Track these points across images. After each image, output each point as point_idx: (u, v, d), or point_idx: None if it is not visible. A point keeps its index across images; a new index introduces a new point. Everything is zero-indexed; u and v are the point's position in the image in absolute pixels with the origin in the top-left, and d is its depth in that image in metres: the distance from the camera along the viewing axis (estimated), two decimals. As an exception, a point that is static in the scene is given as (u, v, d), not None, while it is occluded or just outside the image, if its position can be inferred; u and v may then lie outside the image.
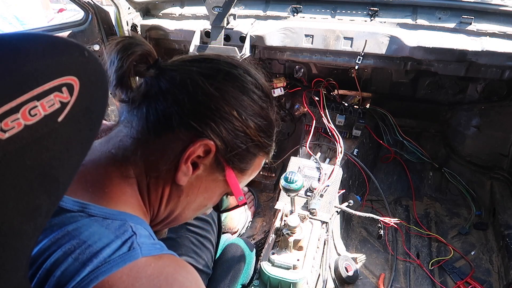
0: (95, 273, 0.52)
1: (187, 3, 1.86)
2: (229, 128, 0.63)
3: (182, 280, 0.57)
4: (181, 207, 0.71)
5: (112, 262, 0.53)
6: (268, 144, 0.73)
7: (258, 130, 0.68)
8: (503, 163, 1.97)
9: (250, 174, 0.75)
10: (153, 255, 0.57)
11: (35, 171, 0.40)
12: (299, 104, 2.23)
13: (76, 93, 0.42)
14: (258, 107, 0.68)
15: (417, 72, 1.88)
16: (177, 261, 0.61)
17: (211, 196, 0.73)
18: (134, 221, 0.61)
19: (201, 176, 0.67)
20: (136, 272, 0.54)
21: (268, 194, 2.13)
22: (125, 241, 0.56)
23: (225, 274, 1.24)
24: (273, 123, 0.74)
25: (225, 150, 0.64)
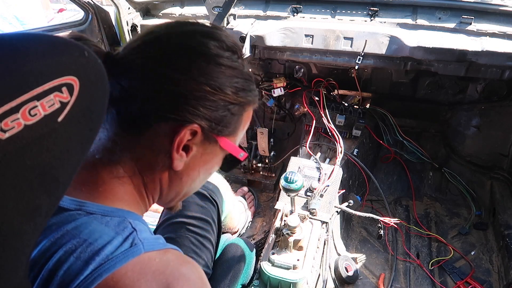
0: (99, 271, 0.52)
1: (187, 3, 1.86)
2: (207, 105, 0.62)
3: (188, 274, 0.57)
4: (186, 185, 0.71)
5: (115, 259, 0.53)
6: (250, 99, 0.71)
7: (236, 93, 0.66)
8: (503, 163, 1.97)
9: (243, 128, 0.74)
10: (157, 250, 0.57)
11: (35, 171, 0.40)
12: (299, 104, 2.23)
13: (76, 93, 0.42)
14: (230, 69, 0.65)
15: (417, 72, 1.88)
16: (182, 256, 0.62)
17: (212, 165, 0.73)
18: (132, 218, 0.61)
19: (196, 154, 0.67)
20: (141, 267, 0.54)
21: (268, 194, 2.12)
22: (126, 237, 0.56)
23: (225, 274, 1.24)
24: (249, 76, 0.71)
25: (210, 125, 0.64)
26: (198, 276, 0.60)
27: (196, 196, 1.22)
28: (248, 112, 0.72)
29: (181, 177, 0.69)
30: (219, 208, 1.27)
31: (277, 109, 2.21)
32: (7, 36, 0.39)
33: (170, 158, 0.63)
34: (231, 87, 0.65)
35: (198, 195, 1.23)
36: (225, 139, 0.68)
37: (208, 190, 1.25)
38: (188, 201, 1.20)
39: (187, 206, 1.19)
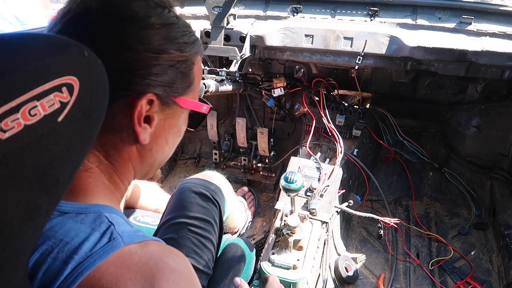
0: (79, 269, 0.51)
1: (187, 3, 1.86)
2: (154, 71, 0.60)
3: (173, 264, 0.56)
4: (158, 154, 0.70)
5: (94, 255, 0.52)
6: (195, 50, 0.67)
7: (180, 49, 0.63)
8: (503, 163, 1.97)
9: (198, 81, 0.72)
10: (137, 242, 0.56)
11: (35, 171, 0.40)
12: (299, 104, 2.23)
13: (76, 93, 0.42)
14: (165, 27, 0.62)
15: (417, 72, 1.88)
16: (164, 246, 0.60)
17: (179, 127, 0.71)
18: (108, 211, 0.60)
19: (159, 122, 0.65)
20: (122, 261, 0.53)
21: (268, 194, 2.13)
22: (104, 232, 0.55)
23: (225, 274, 1.24)
24: (187, 27, 0.67)
25: (164, 90, 0.62)
26: (184, 265, 0.58)
27: (198, 197, 1.22)
28: (197, 64, 0.70)
29: (151, 148, 0.67)
30: (221, 209, 1.27)
31: (277, 109, 2.21)
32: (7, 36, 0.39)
33: (134, 134, 0.62)
34: (173, 45, 0.62)
35: (200, 196, 1.23)
36: (183, 98, 0.67)
37: (210, 191, 1.25)
38: (190, 202, 1.20)
39: (189, 206, 1.19)
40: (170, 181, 2.27)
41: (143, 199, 1.48)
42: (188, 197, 1.21)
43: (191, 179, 1.32)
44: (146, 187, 1.50)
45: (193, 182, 1.28)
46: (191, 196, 1.22)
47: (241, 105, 2.26)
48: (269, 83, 1.99)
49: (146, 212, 1.46)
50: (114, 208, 0.62)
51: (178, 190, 1.27)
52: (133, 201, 1.46)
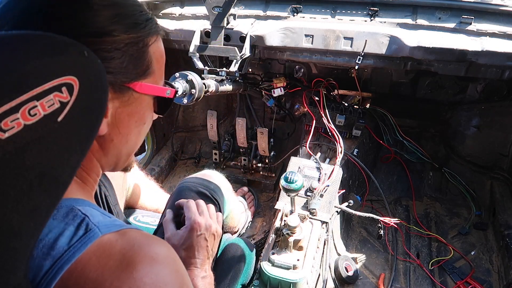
0: (58, 264, 0.50)
1: (187, 3, 1.86)
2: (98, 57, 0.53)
3: (157, 249, 0.56)
4: (122, 144, 0.66)
5: (72, 248, 0.52)
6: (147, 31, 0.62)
7: (126, 31, 0.58)
8: (503, 163, 1.96)
9: (159, 64, 0.67)
10: (116, 231, 0.55)
11: (35, 171, 0.40)
12: (299, 104, 2.23)
13: (76, 93, 0.42)
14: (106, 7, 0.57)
15: (417, 72, 1.88)
16: (145, 234, 0.60)
17: (142, 114, 0.67)
18: (80, 204, 0.58)
19: (116, 110, 0.61)
20: (104, 250, 0.52)
21: (268, 194, 2.12)
22: (79, 225, 0.54)
23: (225, 274, 1.24)
24: (136, 7, 0.62)
25: (114, 76, 0.58)
26: (167, 250, 0.58)
27: (197, 196, 1.22)
28: (154, 45, 0.64)
29: (112, 139, 0.63)
30: (220, 208, 1.27)
31: (277, 109, 2.21)
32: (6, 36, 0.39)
33: None
34: (117, 26, 0.57)
35: (199, 195, 1.23)
36: (140, 84, 0.62)
37: (210, 190, 1.25)
38: None
39: None
40: (170, 181, 2.27)
41: (143, 199, 1.48)
42: (187, 196, 1.21)
43: (190, 178, 1.32)
44: (146, 187, 1.50)
45: (192, 181, 1.28)
46: (190, 195, 1.22)
47: (241, 105, 2.26)
48: (269, 83, 1.99)
49: (146, 212, 1.46)
50: (86, 200, 0.61)
51: (177, 189, 1.27)
52: (133, 201, 1.46)
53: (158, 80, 0.68)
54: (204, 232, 1.04)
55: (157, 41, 0.65)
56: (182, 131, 2.46)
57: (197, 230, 1.04)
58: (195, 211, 1.08)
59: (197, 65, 1.61)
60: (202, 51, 1.60)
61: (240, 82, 1.76)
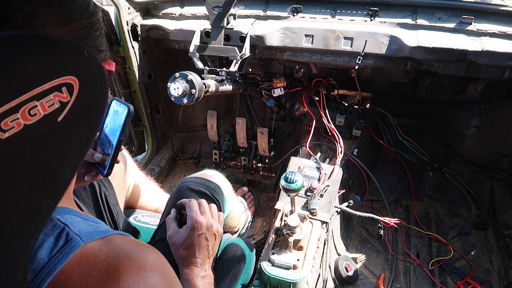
0: (39, 278, 0.49)
1: (187, 3, 1.86)
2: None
3: (145, 256, 0.54)
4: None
5: (53, 260, 0.50)
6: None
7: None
8: (503, 163, 1.97)
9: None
10: (100, 238, 0.54)
11: (35, 171, 0.40)
12: (299, 104, 2.23)
13: (76, 93, 0.42)
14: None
15: (417, 72, 1.88)
16: (130, 240, 0.58)
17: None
18: (59, 213, 0.56)
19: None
20: (87, 260, 0.51)
21: (268, 194, 2.12)
22: (59, 235, 0.52)
23: (225, 274, 1.24)
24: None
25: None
26: (156, 258, 0.56)
27: (198, 195, 1.22)
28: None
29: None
30: (221, 208, 1.27)
31: (277, 109, 2.21)
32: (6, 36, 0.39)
33: None
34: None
35: (199, 194, 1.23)
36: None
37: (210, 190, 1.25)
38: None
39: None
40: (170, 181, 2.27)
41: (143, 199, 1.48)
42: (188, 196, 1.21)
43: (191, 178, 1.32)
44: (146, 187, 1.50)
45: (192, 180, 1.28)
46: (190, 194, 1.22)
47: (241, 105, 2.26)
48: (269, 83, 1.99)
49: (146, 212, 1.47)
50: (65, 208, 0.59)
51: (178, 188, 1.27)
52: (133, 201, 1.46)
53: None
54: (205, 232, 1.04)
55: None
56: (182, 131, 2.46)
57: (198, 229, 1.04)
58: (196, 210, 1.08)
59: (197, 65, 1.61)
60: (202, 51, 1.60)
61: (240, 82, 1.76)
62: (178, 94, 1.26)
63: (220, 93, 1.56)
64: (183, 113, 2.43)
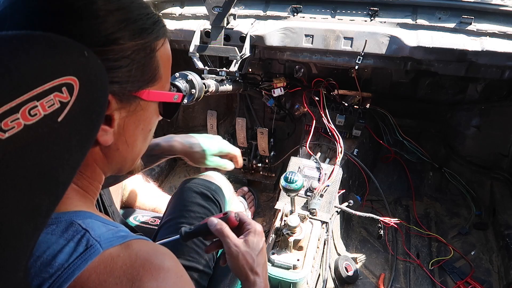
0: (57, 283, 0.48)
1: (187, 3, 1.86)
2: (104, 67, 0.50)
3: (160, 263, 0.54)
4: (128, 152, 0.63)
5: (72, 266, 0.49)
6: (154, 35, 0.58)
7: (132, 37, 0.54)
8: (503, 163, 1.97)
9: (166, 68, 0.63)
10: (119, 245, 0.53)
11: (35, 171, 0.40)
12: (299, 104, 2.23)
13: (76, 93, 0.42)
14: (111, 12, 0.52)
15: (417, 72, 1.88)
16: (149, 245, 0.57)
17: (148, 121, 0.64)
18: (81, 217, 0.56)
19: (122, 119, 0.58)
20: (105, 267, 0.50)
21: (268, 194, 2.12)
22: (79, 241, 0.52)
23: (225, 274, 1.24)
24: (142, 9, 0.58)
25: (120, 86, 0.55)
26: (172, 263, 0.56)
27: (199, 197, 1.22)
28: (161, 49, 0.60)
29: (118, 148, 0.61)
30: (221, 209, 1.27)
31: (277, 109, 2.21)
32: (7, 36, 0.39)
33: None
34: (123, 33, 0.53)
35: (201, 196, 1.23)
36: (147, 91, 0.59)
37: (211, 191, 1.25)
38: (191, 202, 1.20)
39: (189, 206, 1.19)
40: (170, 181, 2.27)
41: (140, 199, 1.48)
42: (189, 197, 1.21)
43: (193, 179, 1.32)
44: (143, 187, 1.50)
45: (194, 181, 1.28)
46: (192, 195, 1.22)
47: (241, 105, 2.26)
48: (269, 83, 1.99)
49: (146, 212, 1.47)
50: (87, 212, 0.58)
51: (179, 190, 1.27)
52: (131, 200, 1.46)
53: (165, 84, 0.65)
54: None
55: (164, 44, 0.62)
56: (182, 131, 2.46)
57: (263, 233, 0.92)
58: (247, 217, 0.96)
59: (197, 65, 1.61)
60: (202, 51, 1.60)
61: (240, 82, 1.76)
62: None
63: (220, 93, 1.56)
64: (183, 113, 2.43)
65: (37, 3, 0.50)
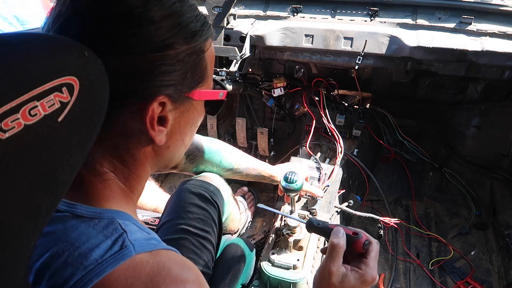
0: (88, 276, 0.50)
1: (187, 3, 1.86)
2: (162, 71, 0.54)
3: (185, 276, 0.55)
4: (176, 149, 0.67)
5: (104, 263, 0.51)
6: (204, 37, 0.60)
7: (186, 40, 0.57)
8: (503, 163, 1.97)
9: (211, 67, 0.66)
10: (150, 251, 0.55)
11: (35, 171, 0.40)
12: (299, 104, 2.23)
13: (76, 93, 0.42)
14: (167, 19, 0.55)
15: (417, 72, 1.88)
16: (176, 257, 0.59)
17: (195, 119, 0.67)
18: (122, 218, 0.58)
19: (175, 120, 0.61)
20: (133, 270, 0.52)
21: (268, 194, 2.12)
22: (116, 240, 0.54)
23: (225, 274, 1.24)
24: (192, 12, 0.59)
25: (176, 88, 0.58)
26: (196, 276, 0.57)
27: (197, 198, 1.22)
28: (209, 51, 0.63)
29: (168, 146, 0.64)
30: (220, 210, 1.27)
31: (277, 109, 2.21)
32: (7, 36, 0.39)
33: (148, 136, 0.59)
34: (178, 37, 0.56)
35: (199, 197, 1.23)
36: (198, 91, 0.62)
37: (209, 192, 1.25)
38: (189, 203, 1.20)
39: (188, 207, 1.19)
40: (170, 181, 2.27)
41: (141, 198, 1.48)
42: (187, 198, 1.21)
43: (190, 180, 1.32)
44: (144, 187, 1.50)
45: (192, 183, 1.28)
46: (190, 197, 1.22)
47: (241, 105, 2.26)
48: (269, 83, 1.99)
49: (146, 212, 1.47)
50: (128, 214, 0.61)
51: (177, 191, 1.27)
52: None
53: (211, 82, 0.67)
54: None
55: (211, 43, 0.64)
56: (182, 131, 2.46)
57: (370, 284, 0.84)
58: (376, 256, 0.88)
59: (197, 65, 1.61)
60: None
61: (240, 82, 1.77)
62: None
63: (220, 93, 1.56)
64: (183, 113, 2.43)
65: (99, 11, 0.52)
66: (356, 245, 0.80)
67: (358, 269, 0.78)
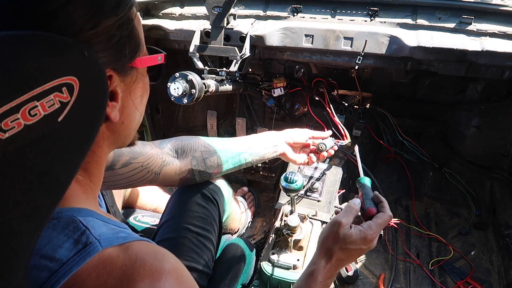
0: (55, 278, 0.49)
1: (187, 3, 1.86)
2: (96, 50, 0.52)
3: (160, 265, 0.54)
4: (130, 122, 0.66)
5: (70, 262, 0.50)
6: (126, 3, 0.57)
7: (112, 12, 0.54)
8: (503, 163, 1.97)
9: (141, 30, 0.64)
10: (119, 245, 0.54)
11: (35, 171, 0.40)
12: (299, 104, 2.23)
13: (76, 93, 0.42)
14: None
15: (417, 72, 1.88)
16: (149, 246, 0.58)
17: (144, 88, 0.67)
18: (83, 214, 0.56)
19: (124, 93, 0.60)
20: (104, 266, 0.51)
21: (268, 194, 2.12)
22: (79, 238, 0.53)
23: (225, 274, 1.24)
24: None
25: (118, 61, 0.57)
26: (172, 266, 0.56)
27: (198, 196, 1.22)
28: (136, 18, 0.62)
29: (123, 121, 0.63)
30: (220, 208, 1.27)
31: (277, 109, 2.21)
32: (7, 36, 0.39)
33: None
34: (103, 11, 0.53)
35: (199, 195, 1.23)
36: (138, 59, 0.62)
37: (210, 190, 1.25)
38: (190, 201, 1.20)
39: (189, 205, 1.19)
40: (170, 181, 2.27)
41: (141, 199, 1.49)
42: (188, 196, 1.21)
43: None
44: (145, 187, 1.50)
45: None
46: (190, 195, 1.22)
47: (241, 105, 2.26)
48: (269, 83, 1.99)
49: (146, 212, 1.47)
50: (89, 210, 0.59)
51: (178, 190, 1.27)
52: (131, 200, 1.46)
53: (145, 49, 0.67)
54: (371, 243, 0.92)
55: (137, 12, 0.63)
56: (182, 131, 2.46)
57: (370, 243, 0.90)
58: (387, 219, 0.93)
59: (197, 65, 1.61)
60: (202, 51, 1.60)
61: (240, 82, 1.76)
62: (178, 94, 1.26)
63: (220, 93, 1.56)
64: (183, 113, 2.43)
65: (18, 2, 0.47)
66: (367, 213, 0.94)
67: (361, 227, 0.89)
